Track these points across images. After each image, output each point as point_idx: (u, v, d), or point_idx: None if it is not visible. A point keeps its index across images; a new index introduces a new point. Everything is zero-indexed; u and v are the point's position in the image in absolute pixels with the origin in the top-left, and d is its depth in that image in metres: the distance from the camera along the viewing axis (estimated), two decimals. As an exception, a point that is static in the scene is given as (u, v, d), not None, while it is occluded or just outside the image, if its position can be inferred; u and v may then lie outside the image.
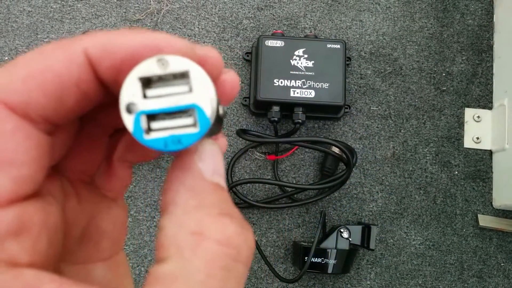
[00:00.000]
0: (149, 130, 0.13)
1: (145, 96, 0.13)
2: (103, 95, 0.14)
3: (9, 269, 0.12)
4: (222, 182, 0.15)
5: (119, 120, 0.15)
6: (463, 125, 0.66)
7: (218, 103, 0.14)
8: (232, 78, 0.16)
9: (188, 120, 0.13)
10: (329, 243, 0.57)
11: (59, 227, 0.14)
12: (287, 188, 0.62)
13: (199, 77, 0.13)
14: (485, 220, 0.63)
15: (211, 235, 0.13)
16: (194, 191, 0.14)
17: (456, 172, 0.64)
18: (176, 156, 0.15)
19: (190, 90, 0.13)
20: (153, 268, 0.13)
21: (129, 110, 0.13)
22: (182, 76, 0.13)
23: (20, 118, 0.13)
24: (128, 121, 0.13)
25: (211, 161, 0.14)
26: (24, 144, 0.13)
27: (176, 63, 0.13)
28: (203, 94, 0.13)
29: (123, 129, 0.16)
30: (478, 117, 0.66)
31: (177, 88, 0.13)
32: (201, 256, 0.12)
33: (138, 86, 0.13)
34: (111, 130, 0.17)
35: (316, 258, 0.55)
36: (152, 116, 0.13)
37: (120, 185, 0.18)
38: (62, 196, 0.16)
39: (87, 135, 0.17)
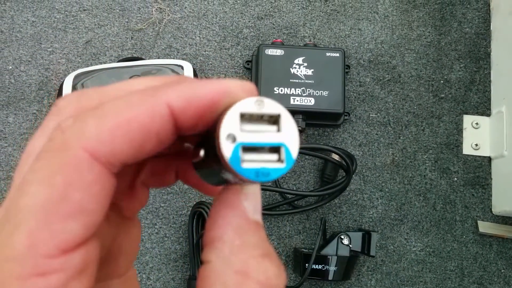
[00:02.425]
0: (242, 160, 0.15)
1: (241, 130, 0.15)
2: (173, 139, 0.15)
3: None
4: (261, 219, 0.16)
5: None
6: (462, 132, 0.66)
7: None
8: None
9: (274, 157, 0.15)
10: (330, 249, 0.57)
11: (100, 257, 0.15)
12: (288, 195, 0.62)
13: (288, 120, 0.15)
14: (484, 227, 0.63)
15: (254, 276, 0.14)
16: (239, 230, 0.15)
17: (456, 179, 0.65)
18: (222, 193, 0.16)
19: (279, 130, 0.15)
20: None
21: (229, 140, 0.14)
22: (272, 117, 0.15)
23: (102, 167, 0.13)
24: (227, 150, 0.14)
25: (253, 200, 0.16)
26: (100, 193, 0.13)
27: (271, 106, 0.15)
28: (290, 136, 0.15)
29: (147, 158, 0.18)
30: (477, 124, 0.66)
31: (268, 127, 0.15)
32: None
33: (237, 120, 0.15)
34: None
35: (317, 265, 0.56)
36: (246, 148, 0.15)
37: (139, 206, 0.19)
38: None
39: None
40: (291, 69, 0.61)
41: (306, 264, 0.55)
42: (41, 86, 0.64)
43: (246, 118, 0.15)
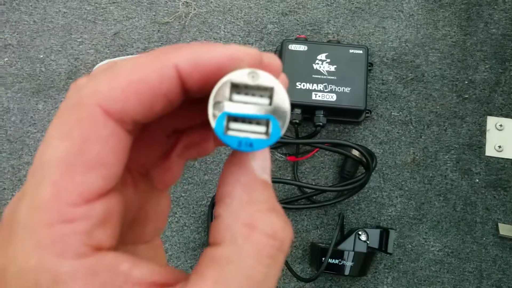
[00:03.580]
0: (227, 128, 0.15)
1: (231, 100, 0.15)
2: (181, 100, 0.16)
3: (96, 253, 0.14)
4: (269, 179, 0.17)
5: (178, 122, 0.19)
6: (485, 133, 0.65)
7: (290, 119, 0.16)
8: (285, 80, 0.18)
9: (261, 128, 0.15)
10: (347, 245, 0.57)
11: (122, 213, 0.16)
12: (306, 190, 0.62)
13: (281, 94, 0.15)
14: (505, 229, 0.62)
15: (261, 228, 0.15)
16: (247, 187, 0.16)
17: (477, 180, 0.64)
18: (233, 153, 0.17)
19: (270, 104, 0.15)
20: (208, 250, 0.15)
21: (216, 108, 0.15)
22: (266, 89, 0.15)
23: (115, 123, 0.14)
24: (213, 118, 0.15)
25: (261, 160, 0.16)
26: (116, 147, 0.14)
27: (265, 78, 0.15)
28: (281, 110, 0.15)
29: (181, 130, 0.19)
30: (501, 125, 0.66)
31: (259, 99, 0.15)
32: (252, 245, 0.15)
33: (227, 90, 0.15)
34: (169, 131, 0.19)
35: (333, 260, 0.56)
36: (233, 118, 0.15)
37: (172, 179, 0.20)
38: (122, 184, 0.18)
39: (149, 133, 0.19)
40: (314, 65, 0.62)
41: (323, 258, 0.55)
42: (70, 75, 0.66)
43: (240, 88, 0.15)
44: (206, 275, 0.14)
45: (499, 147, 0.65)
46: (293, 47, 0.62)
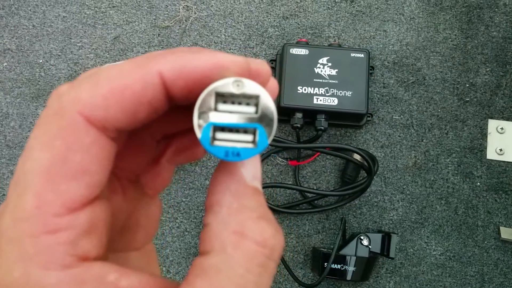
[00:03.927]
0: (213, 139, 0.15)
1: (216, 109, 0.15)
2: (166, 107, 0.16)
3: (82, 263, 0.14)
4: (260, 186, 0.16)
5: (167, 128, 0.18)
6: (486, 136, 0.65)
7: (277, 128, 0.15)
8: (274, 86, 0.17)
9: (248, 137, 0.15)
10: (349, 250, 0.57)
11: (109, 221, 0.16)
12: (308, 194, 0.62)
13: (267, 103, 0.15)
14: (507, 233, 0.62)
15: (250, 236, 0.14)
16: (236, 195, 0.15)
17: (479, 184, 0.64)
18: (222, 161, 0.16)
19: (256, 112, 0.15)
20: (198, 259, 0.15)
21: (201, 118, 0.15)
22: (251, 98, 0.15)
23: (97, 131, 0.14)
24: (199, 129, 0.15)
25: (252, 167, 0.16)
26: (98, 155, 0.14)
27: (250, 87, 0.15)
28: (267, 118, 0.15)
29: (171, 135, 0.19)
30: (502, 128, 0.66)
31: (245, 107, 0.15)
32: (241, 253, 0.14)
33: (212, 99, 0.15)
34: (159, 136, 0.19)
35: (336, 265, 0.56)
36: (219, 127, 0.15)
37: (162, 185, 0.20)
38: (110, 192, 0.18)
39: (138, 139, 0.18)
40: (315, 68, 0.61)
41: (325, 263, 0.55)
42: (70, 80, 0.65)
43: (226, 96, 0.15)
44: (195, 285, 0.14)
45: (500, 150, 0.65)
46: (294, 51, 0.62)
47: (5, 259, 0.13)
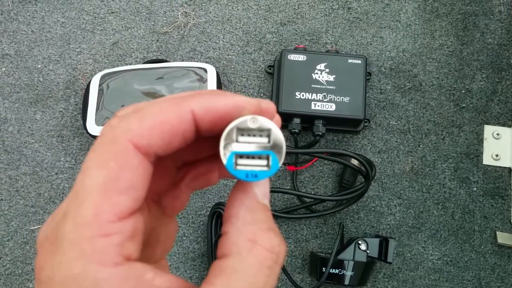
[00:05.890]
0: (236, 164, 0.19)
1: (237, 141, 0.19)
2: (194, 138, 0.19)
3: (127, 262, 0.16)
4: (268, 204, 0.20)
5: (188, 156, 0.22)
6: (482, 142, 0.66)
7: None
8: (278, 120, 0.21)
9: (263, 162, 0.19)
10: (347, 254, 0.57)
11: (144, 231, 0.19)
12: (306, 199, 0.62)
13: (277, 133, 0.19)
14: (503, 238, 0.62)
15: (261, 243, 0.18)
16: (250, 209, 0.19)
17: (475, 189, 0.65)
18: (238, 182, 0.20)
19: (269, 142, 0.19)
20: (217, 262, 0.18)
21: (226, 149, 0.19)
22: (264, 131, 0.19)
23: (142, 156, 0.17)
24: (224, 156, 0.19)
25: (263, 188, 0.20)
26: (143, 175, 0.17)
27: (263, 122, 0.19)
28: (278, 146, 0.19)
29: (190, 163, 0.23)
30: (498, 134, 0.66)
31: (260, 138, 0.19)
32: (254, 257, 0.17)
33: (234, 133, 0.19)
34: (180, 163, 0.23)
35: (334, 269, 0.56)
36: (239, 155, 0.19)
37: (180, 207, 0.23)
38: (140, 208, 0.20)
39: (163, 165, 0.21)
40: (313, 74, 0.62)
41: (323, 268, 0.55)
42: (69, 85, 0.65)
43: (244, 130, 0.19)
44: (215, 283, 0.17)
45: (496, 155, 0.66)
46: (292, 57, 0.62)
47: (67, 257, 0.16)
